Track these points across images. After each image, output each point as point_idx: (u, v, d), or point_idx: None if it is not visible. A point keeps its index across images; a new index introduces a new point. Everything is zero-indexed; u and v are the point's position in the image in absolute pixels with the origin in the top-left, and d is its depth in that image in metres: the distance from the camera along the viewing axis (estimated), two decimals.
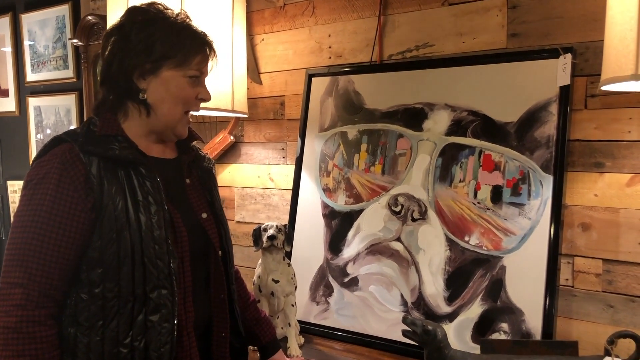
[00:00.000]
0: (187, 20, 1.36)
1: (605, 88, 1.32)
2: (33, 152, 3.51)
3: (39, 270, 1.19)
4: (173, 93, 1.31)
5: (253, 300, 1.64)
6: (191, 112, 1.41)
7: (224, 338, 1.44)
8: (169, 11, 1.35)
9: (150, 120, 1.33)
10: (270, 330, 1.64)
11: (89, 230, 1.23)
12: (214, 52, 1.38)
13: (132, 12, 1.34)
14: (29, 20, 3.41)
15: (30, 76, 3.45)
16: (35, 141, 3.50)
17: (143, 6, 1.35)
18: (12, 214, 3.74)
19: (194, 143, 1.48)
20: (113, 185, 1.25)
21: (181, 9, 1.38)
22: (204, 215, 1.41)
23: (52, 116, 3.36)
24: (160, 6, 1.35)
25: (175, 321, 1.27)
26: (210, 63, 1.38)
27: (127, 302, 1.24)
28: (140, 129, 1.34)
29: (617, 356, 1.38)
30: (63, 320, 1.24)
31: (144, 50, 1.28)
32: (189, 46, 1.32)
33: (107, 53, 1.33)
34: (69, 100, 3.23)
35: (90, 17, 2.77)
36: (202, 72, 1.36)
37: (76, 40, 2.87)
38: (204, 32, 1.37)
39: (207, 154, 1.55)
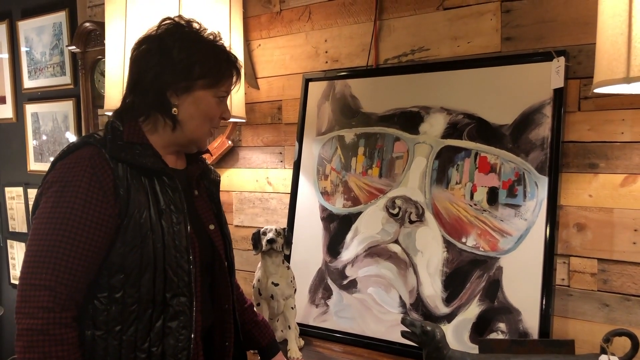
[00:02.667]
0: (222, 41, 1.40)
1: (597, 91, 1.34)
2: (31, 159, 3.52)
3: (66, 273, 1.18)
4: (203, 111, 1.34)
5: (250, 304, 1.66)
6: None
7: (227, 347, 1.46)
8: (205, 30, 1.38)
9: (175, 134, 1.35)
10: (269, 333, 1.65)
11: (114, 236, 1.24)
12: (240, 76, 1.43)
13: (173, 27, 1.35)
14: (25, 27, 3.42)
15: (28, 83, 3.46)
16: (32, 148, 3.51)
17: (182, 22, 1.36)
18: (9, 221, 3.74)
19: (202, 156, 1.51)
20: (138, 192, 1.26)
21: (217, 31, 1.40)
22: (212, 227, 1.43)
23: (50, 122, 3.37)
24: (197, 25, 1.38)
25: (193, 328, 1.29)
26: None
27: (147, 308, 1.25)
28: (162, 140, 1.35)
29: (612, 354, 1.40)
30: (80, 323, 1.24)
31: (183, 69, 1.30)
32: (224, 69, 1.36)
33: (140, 61, 1.34)
34: (66, 107, 3.24)
35: (87, 24, 2.79)
36: (228, 94, 1.41)
37: (73, 47, 2.88)
38: (235, 56, 1.41)
39: (212, 167, 1.57)
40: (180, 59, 1.30)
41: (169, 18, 1.38)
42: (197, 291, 1.32)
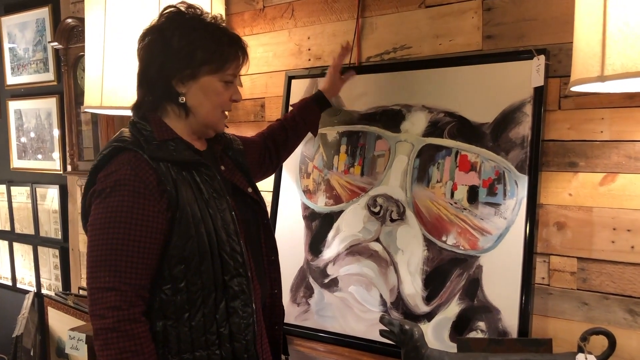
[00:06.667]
0: (223, 24, 1.43)
1: (574, 89, 1.34)
2: (14, 156, 3.49)
3: (127, 272, 1.25)
4: (210, 97, 1.39)
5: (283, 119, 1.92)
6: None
7: (276, 295, 1.60)
8: (206, 15, 1.41)
9: (189, 121, 1.40)
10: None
11: (168, 230, 1.30)
12: (248, 56, 1.46)
13: (171, 15, 1.39)
14: (8, 23, 3.39)
15: (11, 79, 3.43)
16: (16, 145, 3.47)
17: (181, 9, 1.40)
18: None
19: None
20: (183, 185, 1.32)
21: (218, 13, 1.45)
22: (250, 190, 1.53)
23: (33, 119, 3.34)
24: (198, 10, 1.41)
25: (254, 304, 1.37)
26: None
27: (210, 292, 1.32)
28: (183, 128, 1.41)
29: (590, 353, 1.40)
30: (151, 315, 1.31)
31: (185, 57, 1.34)
32: (227, 53, 1.38)
33: (145, 53, 1.38)
34: (49, 104, 3.22)
35: (70, 20, 2.76)
36: (236, 76, 1.44)
37: (56, 43, 2.85)
38: (238, 37, 1.43)
39: (232, 135, 1.66)
40: (181, 46, 1.33)
41: (170, 6, 1.41)
42: (250, 264, 1.40)
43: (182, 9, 1.40)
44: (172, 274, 1.31)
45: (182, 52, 1.33)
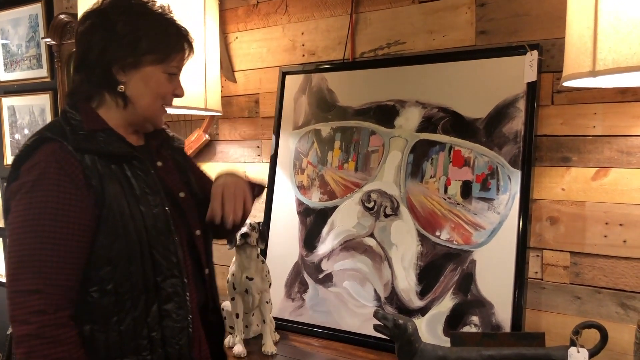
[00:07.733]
0: (171, 14, 1.34)
1: (566, 84, 1.35)
2: (8, 153, 3.47)
3: (54, 273, 1.15)
4: (152, 88, 1.29)
5: None
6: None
7: (213, 308, 1.45)
8: (152, 3, 1.33)
9: (127, 112, 1.30)
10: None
11: (96, 227, 1.20)
12: (193, 50, 1.37)
13: (116, 0, 1.30)
14: (1, 19, 3.37)
15: (4, 75, 3.41)
16: (9, 142, 3.45)
17: None
18: None
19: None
20: (112, 181, 1.22)
21: (166, 4, 1.35)
22: (182, 195, 1.38)
23: (27, 116, 3.32)
24: None
25: (189, 307, 1.28)
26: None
27: (140, 295, 1.23)
28: (119, 120, 1.30)
29: (582, 346, 1.41)
30: (77, 319, 1.20)
31: (128, 44, 1.25)
32: (173, 44, 1.30)
33: (85, 37, 1.28)
34: (43, 100, 3.20)
35: (63, 16, 2.74)
36: (180, 69, 1.36)
37: (49, 39, 2.83)
38: (186, 29, 1.35)
39: (174, 134, 1.51)
40: (125, 33, 1.25)
41: None
42: (186, 267, 1.30)
43: None
44: (99, 276, 1.20)
45: (126, 38, 1.24)
